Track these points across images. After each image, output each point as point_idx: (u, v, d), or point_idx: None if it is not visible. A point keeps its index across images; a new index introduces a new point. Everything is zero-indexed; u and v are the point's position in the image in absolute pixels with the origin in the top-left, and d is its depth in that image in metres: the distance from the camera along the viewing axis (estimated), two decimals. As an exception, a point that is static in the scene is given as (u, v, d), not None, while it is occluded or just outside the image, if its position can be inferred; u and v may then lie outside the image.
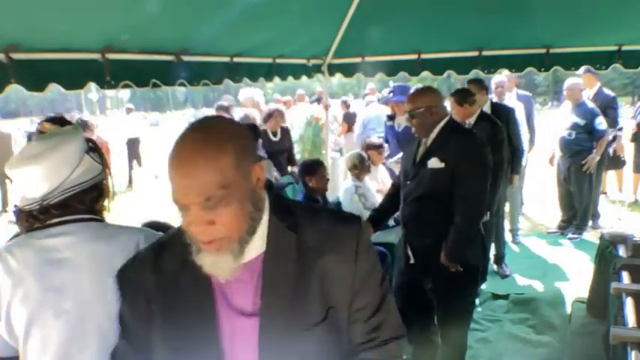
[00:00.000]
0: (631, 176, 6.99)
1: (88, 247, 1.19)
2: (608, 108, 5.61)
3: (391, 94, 5.37)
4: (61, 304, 1.14)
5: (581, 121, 5.23)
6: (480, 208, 2.66)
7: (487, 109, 4.20)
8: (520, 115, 4.94)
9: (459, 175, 2.57)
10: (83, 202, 1.24)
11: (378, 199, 4.02)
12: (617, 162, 6.60)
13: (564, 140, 5.37)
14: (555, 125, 5.65)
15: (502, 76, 5.15)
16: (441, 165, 2.60)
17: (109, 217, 1.36)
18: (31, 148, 1.23)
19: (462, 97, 3.96)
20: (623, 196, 6.91)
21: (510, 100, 5.52)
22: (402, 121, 5.11)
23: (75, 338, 1.14)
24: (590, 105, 5.38)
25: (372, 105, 7.46)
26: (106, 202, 1.34)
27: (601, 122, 5.21)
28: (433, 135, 2.69)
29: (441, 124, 2.69)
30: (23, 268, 1.15)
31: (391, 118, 5.30)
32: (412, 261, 2.83)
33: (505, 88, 5.30)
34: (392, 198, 3.03)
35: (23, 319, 1.13)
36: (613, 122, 5.72)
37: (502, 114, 4.21)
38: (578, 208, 5.53)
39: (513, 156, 4.31)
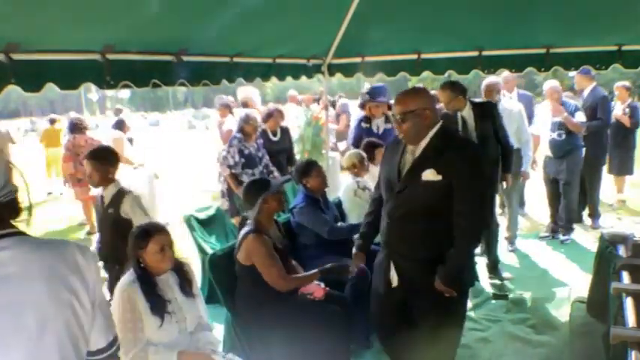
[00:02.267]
0: (610, 179, 6.65)
1: (34, 259, 1.12)
2: (599, 107, 5.57)
3: (367, 96, 5.16)
4: (20, 320, 1.07)
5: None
6: (481, 225, 2.49)
7: (467, 112, 4.04)
8: (522, 115, 4.88)
9: (460, 190, 2.28)
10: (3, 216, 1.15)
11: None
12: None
13: (555, 142, 5.25)
14: (536, 129, 5.55)
15: (494, 77, 4.96)
16: (438, 177, 2.28)
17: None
18: None
19: (455, 88, 4.00)
20: (608, 199, 6.72)
21: (511, 100, 5.52)
22: (380, 124, 5.08)
23: (36, 355, 1.07)
24: (572, 103, 5.34)
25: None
26: (24, 216, 1.27)
27: (581, 116, 5.18)
28: (424, 143, 2.37)
29: (434, 129, 2.37)
30: None
31: (367, 120, 5.13)
32: (395, 284, 2.50)
33: (495, 90, 4.87)
34: (374, 219, 2.69)
35: None
36: (605, 121, 5.67)
37: (485, 111, 4.08)
38: (571, 208, 5.41)
39: (503, 154, 4.17)
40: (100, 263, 3.09)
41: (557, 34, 3.97)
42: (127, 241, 2.31)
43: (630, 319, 1.98)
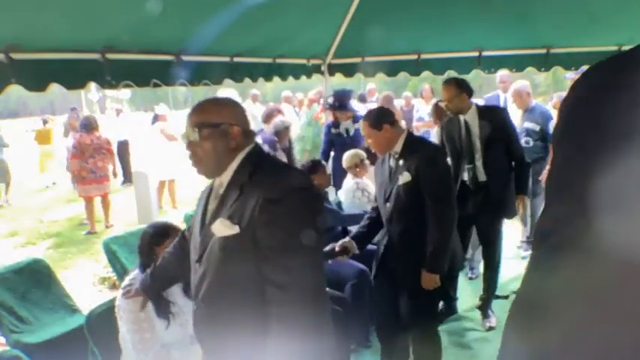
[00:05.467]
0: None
1: None
2: None
3: (332, 99, 5.05)
4: None
5: (535, 126, 4.65)
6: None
7: (471, 115, 3.45)
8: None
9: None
10: None
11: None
12: None
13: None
14: None
15: (522, 81, 4.84)
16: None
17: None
18: None
19: (462, 85, 3.44)
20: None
21: (507, 101, 5.51)
22: (349, 126, 5.05)
23: None
24: (543, 107, 4.89)
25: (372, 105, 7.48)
26: None
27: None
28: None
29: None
30: None
31: (336, 125, 5.10)
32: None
33: (509, 82, 5.04)
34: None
35: None
36: None
37: (493, 117, 3.46)
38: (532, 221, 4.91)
39: (517, 171, 3.50)
40: None
41: (557, 34, 3.97)
42: None
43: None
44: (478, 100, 5.17)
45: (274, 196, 1.40)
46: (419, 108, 8.00)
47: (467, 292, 3.62)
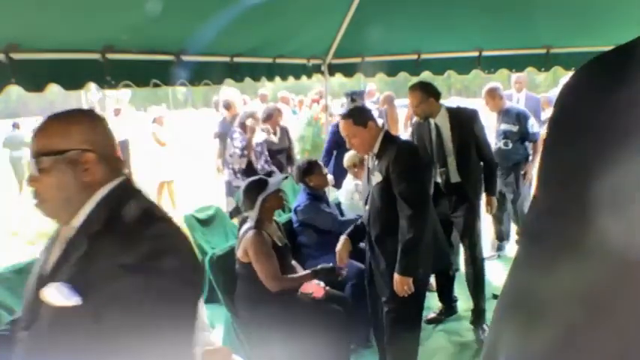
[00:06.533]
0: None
1: None
2: None
3: (349, 100, 5.09)
4: None
5: (513, 127, 4.59)
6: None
7: (442, 119, 3.42)
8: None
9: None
10: None
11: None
12: None
13: (502, 152, 4.60)
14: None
15: (494, 82, 4.84)
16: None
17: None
18: None
19: (427, 89, 3.42)
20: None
21: (519, 102, 5.49)
22: None
23: None
24: (519, 108, 4.85)
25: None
26: None
27: (533, 124, 4.63)
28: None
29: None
30: None
31: None
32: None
33: (523, 83, 5.11)
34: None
35: None
36: None
37: (464, 119, 3.42)
38: (514, 223, 4.91)
39: (486, 173, 3.53)
40: None
41: (557, 34, 3.97)
42: None
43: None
44: (478, 101, 5.19)
45: (129, 261, 1.02)
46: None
47: (467, 292, 3.61)
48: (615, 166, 0.43)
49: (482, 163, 3.52)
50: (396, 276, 2.45)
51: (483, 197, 3.63)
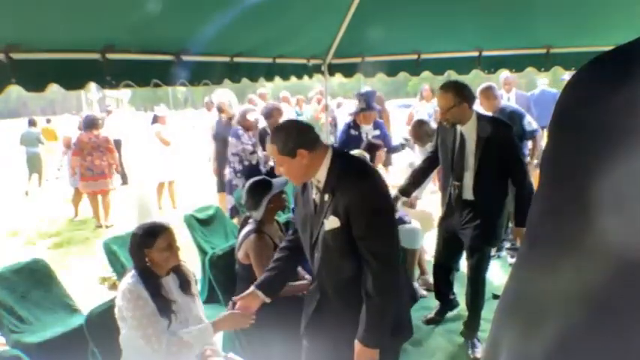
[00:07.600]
0: None
1: None
2: None
3: (364, 104, 4.94)
4: None
5: None
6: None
7: (470, 127, 3.01)
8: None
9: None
10: None
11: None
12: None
13: None
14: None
15: (506, 72, 5.01)
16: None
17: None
18: None
19: (463, 91, 2.97)
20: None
21: (510, 101, 5.52)
22: (369, 131, 5.03)
23: None
24: (513, 106, 4.79)
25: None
26: None
27: (530, 122, 4.51)
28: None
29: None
30: None
31: (356, 127, 5.01)
32: None
33: (512, 84, 5.15)
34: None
35: None
36: None
37: (497, 131, 2.99)
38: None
39: (517, 201, 3.12)
40: None
41: (557, 34, 3.98)
42: None
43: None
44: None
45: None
46: (418, 109, 7.99)
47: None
48: (615, 166, 0.43)
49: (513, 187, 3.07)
50: (358, 346, 1.89)
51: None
